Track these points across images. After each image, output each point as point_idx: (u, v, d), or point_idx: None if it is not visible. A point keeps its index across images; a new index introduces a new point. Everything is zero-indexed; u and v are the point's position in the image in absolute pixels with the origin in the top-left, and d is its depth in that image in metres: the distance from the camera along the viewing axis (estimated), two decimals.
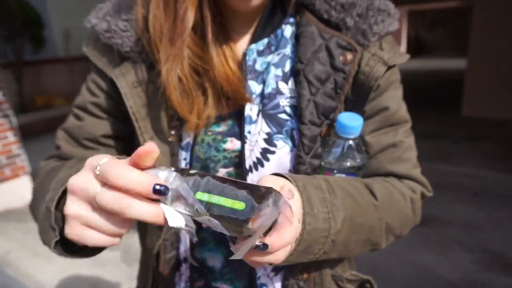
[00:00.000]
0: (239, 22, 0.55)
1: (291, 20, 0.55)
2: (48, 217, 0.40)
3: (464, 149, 4.53)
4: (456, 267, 2.33)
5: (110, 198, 0.32)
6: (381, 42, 0.53)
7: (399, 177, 0.57)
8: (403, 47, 17.81)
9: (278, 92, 0.53)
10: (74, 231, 0.35)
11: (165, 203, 0.33)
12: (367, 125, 0.55)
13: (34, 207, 0.51)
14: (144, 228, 0.62)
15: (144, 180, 0.31)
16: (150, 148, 0.33)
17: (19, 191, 3.60)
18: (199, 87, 0.52)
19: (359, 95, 0.52)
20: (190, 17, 0.47)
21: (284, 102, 0.53)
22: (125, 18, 0.52)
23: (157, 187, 0.31)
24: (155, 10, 0.48)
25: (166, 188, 0.32)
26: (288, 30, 0.55)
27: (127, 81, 0.52)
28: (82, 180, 0.35)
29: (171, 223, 0.33)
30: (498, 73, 5.54)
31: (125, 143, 0.61)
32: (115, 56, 0.54)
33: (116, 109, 0.58)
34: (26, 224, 3.25)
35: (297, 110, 0.52)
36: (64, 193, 0.41)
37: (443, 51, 18.51)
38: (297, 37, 0.54)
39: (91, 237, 0.35)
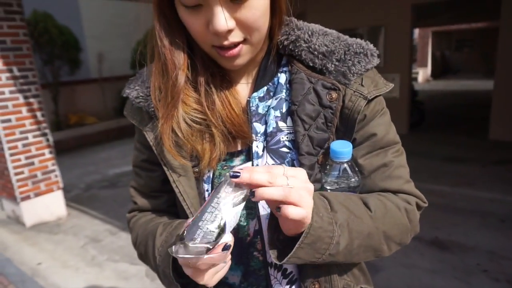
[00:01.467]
0: (240, 75, 0.67)
1: (285, 69, 0.66)
2: (170, 279, 0.59)
3: (491, 174, 4.41)
4: None
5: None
6: (362, 78, 0.62)
7: (393, 192, 0.64)
8: (428, 67, 17.58)
9: (278, 130, 0.63)
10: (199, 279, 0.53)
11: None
12: (359, 150, 0.63)
13: (144, 258, 0.72)
14: None
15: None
16: None
17: (52, 205, 3.80)
18: (202, 134, 0.62)
19: (347, 126, 0.62)
20: (181, 82, 0.59)
21: (284, 138, 0.63)
22: (148, 86, 0.65)
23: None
24: (155, 77, 0.61)
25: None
26: (282, 78, 0.66)
27: (154, 134, 0.64)
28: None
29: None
30: None
31: None
32: (145, 116, 0.66)
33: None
34: (57, 237, 3.42)
35: (295, 143, 0.62)
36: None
37: (470, 72, 18.13)
38: (290, 82, 0.64)
39: (218, 276, 0.55)
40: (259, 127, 0.64)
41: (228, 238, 0.50)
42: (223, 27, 0.52)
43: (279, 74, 0.66)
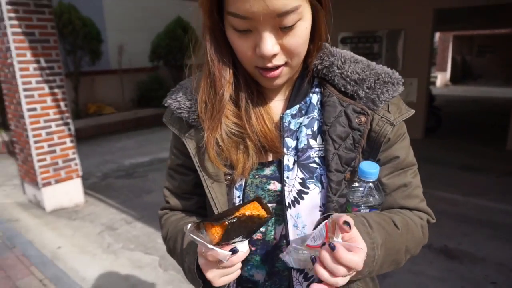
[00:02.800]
0: (275, 93, 0.73)
1: (317, 89, 0.72)
2: (193, 274, 0.66)
3: (505, 185, 4.37)
4: None
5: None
6: (389, 104, 0.68)
7: (410, 209, 0.73)
8: (448, 72, 17.28)
9: (309, 147, 0.69)
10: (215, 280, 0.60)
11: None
12: (383, 170, 0.70)
13: (172, 253, 0.79)
14: None
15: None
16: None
17: (71, 192, 3.94)
18: (237, 145, 0.68)
19: (372, 148, 0.68)
20: (226, 97, 0.65)
21: (314, 154, 0.69)
22: (190, 99, 0.72)
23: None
24: (203, 93, 0.67)
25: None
26: (314, 98, 0.72)
27: (193, 143, 0.71)
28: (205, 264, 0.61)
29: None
30: None
31: None
32: (184, 125, 0.73)
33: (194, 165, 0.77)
34: (75, 223, 3.56)
35: (324, 160, 0.68)
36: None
37: (491, 79, 17.73)
38: (322, 104, 0.70)
39: (224, 280, 0.60)
40: (290, 142, 0.70)
41: (242, 247, 0.57)
42: (269, 51, 0.58)
43: (311, 94, 0.72)
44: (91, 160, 5.80)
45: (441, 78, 16.86)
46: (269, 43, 0.57)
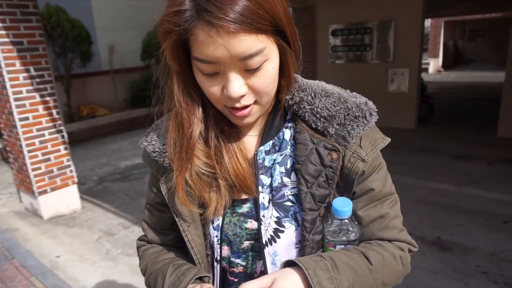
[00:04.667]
0: (247, 129, 0.74)
1: (290, 124, 0.72)
2: None
3: (497, 173, 4.44)
4: None
5: None
6: (361, 138, 0.68)
7: (389, 240, 0.72)
8: (440, 58, 17.29)
9: (283, 185, 0.70)
10: None
11: None
12: (358, 202, 0.70)
13: (151, 286, 0.76)
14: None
15: None
16: None
17: (68, 198, 3.96)
18: (209, 185, 0.69)
19: (346, 183, 0.68)
20: (195, 137, 0.66)
21: (288, 192, 0.69)
22: (163, 143, 0.72)
23: None
24: (171, 133, 0.68)
25: None
26: (287, 134, 0.72)
27: (167, 186, 0.72)
28: None
29: None
30: None
31: None
32: (160, 167, 0.74)
33: None
34: (73, 230, 3.59)
35: (298, 198, 0.68)
36: None
37: (483, 63, 17.78)
38: (294, 140, 0.70)
39: None
40: (265, 179, 0.71)
41: None
42: (236, 93, 0.58)
43: (284, 130, 0.72)
44: (87, 163, 5.81)
45: (434, 64, 16.88)
46: (236, 85, 0.58)
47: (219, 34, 0.53)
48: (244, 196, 0.72)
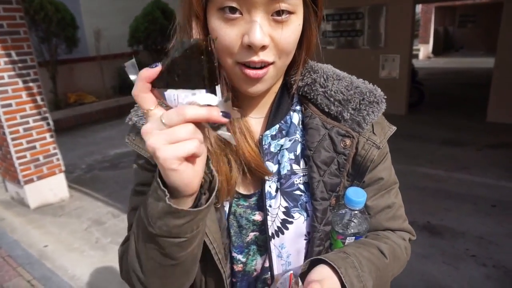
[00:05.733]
0: (251, 109, 0.66)
1: (298, 108, 0.67)
2: (156, 189, 0.47)
3: (486, 158, 4.49)
4: (467, 281, 2.39)
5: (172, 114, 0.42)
6: (373, 125, 0.65)
7: (394, 230, 0.72)
8: (430, 44, 17.31)
9: (292, 173, 0.64)
10: (171, 166, 0.42)
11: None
12: (367, 192, 0.65)
13: (138, 229, 0.54)
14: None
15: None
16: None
17: (55, 187, 3.88)
18: (224, 156, 0.60)
19: (358, 171, 0.64)
20: None
21: (298, 180, 0.65)
22: None
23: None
24: None
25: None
26: (295, 118, 0.66)
27: None
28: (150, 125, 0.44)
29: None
30: None
31: None
32: None
33: None
34: (61, 219, 3.53)
35: (309, 186, 0.64)
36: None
37: (473, 49, 17.86)
38: (304, 125, 0.66)
39: (181, 149, 0.42)
40: (271, 167, 0.64)
41: (202, 98, 0.43)
42: (260, 40, 0.50)
43: (291, 113, 0.67)
44: (76, 151, 5.70)
45: (424, 50, 16.91)
46: (260, 31, 0.50)
47: None
48: (252, 191, 0.65)
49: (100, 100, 8.06)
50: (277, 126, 0.66)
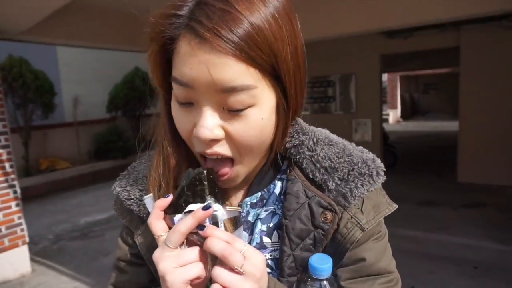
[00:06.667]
0: None
1: (283, 176, 0.61)
2: None
3: (463, 218, 4.54)
4: None
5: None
6: (364, 200, 0.57)
7: None
8: (398, 109, 18.40)
9: (262, 246, 0.58)
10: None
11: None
12: (344, 272, 0.58)
13: None
14: None
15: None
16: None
17: (16, 261, 3.57)
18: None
19: (336, 250, 0.56)
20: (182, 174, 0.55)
21: (267, 256, 0.58)
22: (140, 189, 0.62)
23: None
24: (155, 170, 0.57)
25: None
26: (278, 187, 0.60)
27: (146, 242, 0.60)
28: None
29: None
30: (489, 137, 5.67)
31: None
32: (135, 217, 0.62)
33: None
34: None
35: (278, 262, 0.57)
36: None
37: (438, 113, 19.08)
38: (284, 192, 0.59)
39: (188, 273, 0.46)
40: (245, 237, 0.60)
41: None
42: (205, 133, 0.47)
43: (276, 182, 0.61)
44: (43, 220, 5.37)
45: (393, 115, 17.90)
46: (208, 122, 0.47)
47: (202, 48, 0.44)
48: None
49: (74, 166, 7.86)
50: (259, 194, 0.60)
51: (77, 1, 3.37)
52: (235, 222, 0.60)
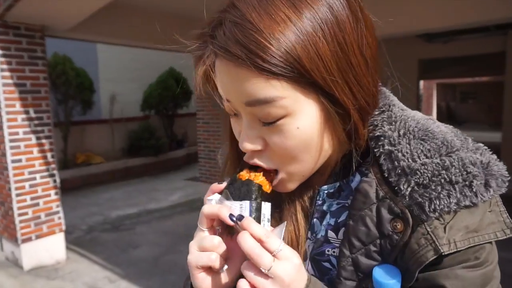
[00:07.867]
0: None
1: (364, 169, 0.53)
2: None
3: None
4: None
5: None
6: (455, 215, 0.44)
7: None
8: (434, 117, 17.80)
9: (326, 240, 0.53)
10: (192, 271, 0.48)
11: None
12: None
13: None
14: None
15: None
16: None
17: (52, 248, 3.71)
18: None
19: (407, 266, 0.46)
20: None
21: (330, 251, 0.53)
22: None
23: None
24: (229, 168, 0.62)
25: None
26: (356, 180, 0.53)
27: None
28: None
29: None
30: None
31: None
32: None
33: None
34: (54, 283, 3.31)
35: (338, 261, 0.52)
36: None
37: (476, 124, 18.25)
38: (356, 187, 0.51)
39: (200, 259, 0.47)
40: (318, 226, 0.55)
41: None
42: (244, 144, 0.48)
43: (356, 173, 0.53)
44: (77, 212, 5.58)
45: None
46: (246, 134, 0.48)
47: (221, 64, 0.45)
48: None
49: (108, 162, 8.12)
50: (338, 184, 0.55)
51: (119, 0, 3.49)
52: (310, 205, 0.57)
